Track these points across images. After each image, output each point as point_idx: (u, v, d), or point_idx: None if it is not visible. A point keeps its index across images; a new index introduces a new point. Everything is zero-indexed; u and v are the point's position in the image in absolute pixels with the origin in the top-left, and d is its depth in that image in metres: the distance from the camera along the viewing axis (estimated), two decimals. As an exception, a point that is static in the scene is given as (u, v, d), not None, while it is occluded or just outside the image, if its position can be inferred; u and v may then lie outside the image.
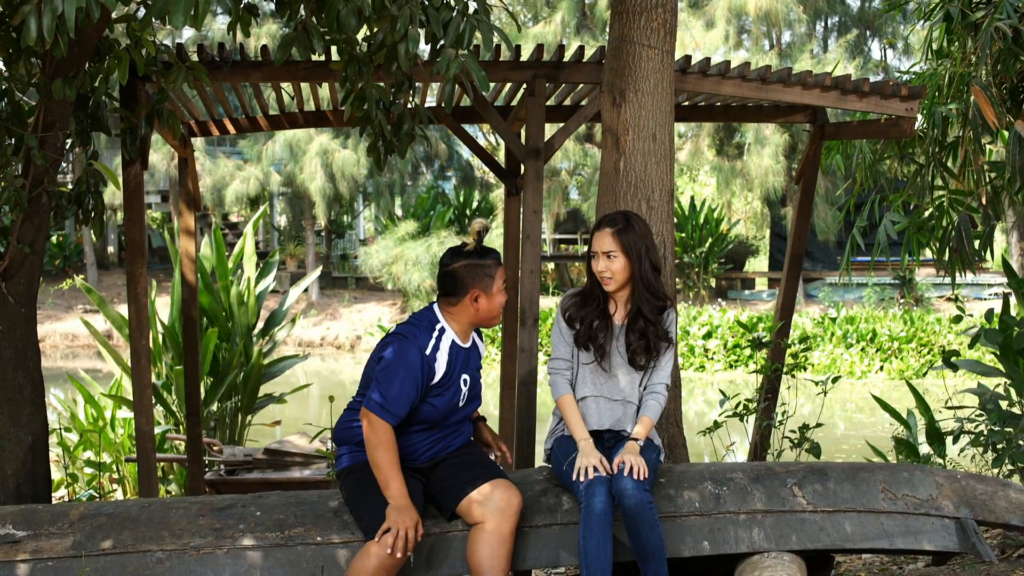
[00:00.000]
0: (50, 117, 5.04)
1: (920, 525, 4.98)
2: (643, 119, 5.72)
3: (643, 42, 5.68)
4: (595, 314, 4.91)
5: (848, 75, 6.78)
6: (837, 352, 23.30)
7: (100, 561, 4.66)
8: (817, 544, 4.92)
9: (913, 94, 6.67)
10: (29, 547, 4.68)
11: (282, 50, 4.68)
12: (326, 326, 30.13)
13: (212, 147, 31.86)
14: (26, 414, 5.40)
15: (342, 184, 29.14)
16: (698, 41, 27.85)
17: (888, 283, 28.31)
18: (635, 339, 4.86)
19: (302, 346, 29.13)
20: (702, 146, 28.68)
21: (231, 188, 29.17)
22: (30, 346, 5.41)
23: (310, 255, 31.92)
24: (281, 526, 4.74)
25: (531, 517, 4.82)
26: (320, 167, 28.65)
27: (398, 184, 31.96)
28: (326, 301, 31.87)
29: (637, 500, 4.53)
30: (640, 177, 5.75)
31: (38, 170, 5.08)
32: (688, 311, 25.91)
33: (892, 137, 7.34)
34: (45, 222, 5.35)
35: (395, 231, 28.82)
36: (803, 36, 29.83)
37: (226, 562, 4.68)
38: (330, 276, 34.27)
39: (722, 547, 4.90)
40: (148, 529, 4.75)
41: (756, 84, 6.63)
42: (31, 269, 5.31)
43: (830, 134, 7.68)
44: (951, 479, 5.16)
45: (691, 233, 30.22)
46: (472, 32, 4.67)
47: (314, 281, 31.82)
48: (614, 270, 4.83)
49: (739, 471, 5.13)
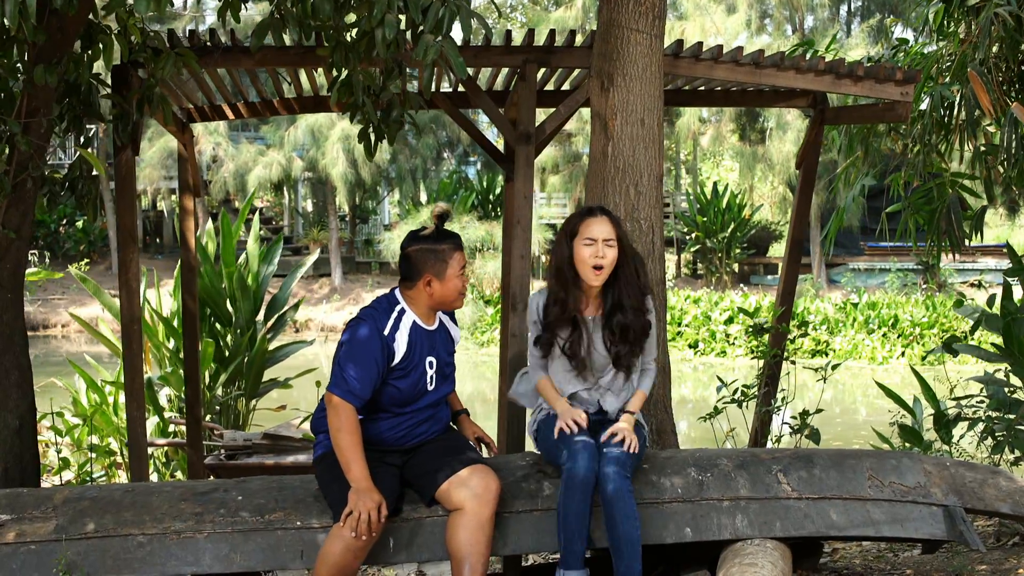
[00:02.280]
0: (34, 103, 5.05)
1: (907, 513, 4.95)
2: (631, 104, 5.70)
3: (631, 26, 5.65)
4: (568, 315, 4.81)
5: (842, 59, 6.73)
6: (859, 338, 23.21)
7: (82, 545, 4.68)
8: (802, 531, 4.89)
9: (908, 78, 6.61)
10: (13, 530, 4.71)
11: (257, 37, 4.68)
12: (349, 311, 30.18)
13: (236, 132, 31.97)
14: (13, 398, 5.43)
15: (364, 170, 29.17)
16: (719, 26, 27.77)
17: (911, 268, 28.19)
18: (616, 338, 4.80)
19: (324, 331, 29.22)
20: (724, 131, 28.60)
21: (254, 173, 29.23)
22: (17, 331, 5.43)
23: (333, 240, 31.97)
24: (261, 511, 4.76)
25: (512, 503, 4.82)
26: (342, 152, 28.67)
27: (421, 169, 31.95)
28: (349, 286, 31.94)
29: (617, 487, 4.50)
30: (628, 162, 5.72)
31: (22, 156, 5.09)
32: (710, 296, 25.87)
33: (888, 121, 7.29)
34: (31, 208, 5.36)
35: (417, 216, 28.84)
36: (826, 21, 29.68)
37: (206, 546, 4.70)
38: (354, 261, 34.36)
39: (705, 534, 4.88)
40: (130, 513, 4.78)
41: (749, 68, 6.58)
42: (17, 254, 5.33)
43: (830, 119, 7.64)
44: (940, 467, 5.13)
45: (713, 218, 30.15)
46: (451, 18, 4.65)
47: (337, 266, 31.92)
48: (611, 259, 4.74)
49: (724, 457, 5.10)
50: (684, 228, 31.40)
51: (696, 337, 24.20)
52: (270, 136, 30.38)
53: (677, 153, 33.49)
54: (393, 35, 4.61)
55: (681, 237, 32.03)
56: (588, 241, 4.72)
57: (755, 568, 4.53)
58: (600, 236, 4.71)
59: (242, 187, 29.47)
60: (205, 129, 28.95)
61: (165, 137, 28.18)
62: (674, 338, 24.35)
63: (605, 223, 4.74)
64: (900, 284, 27.49)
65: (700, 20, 28.00)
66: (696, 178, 35.97)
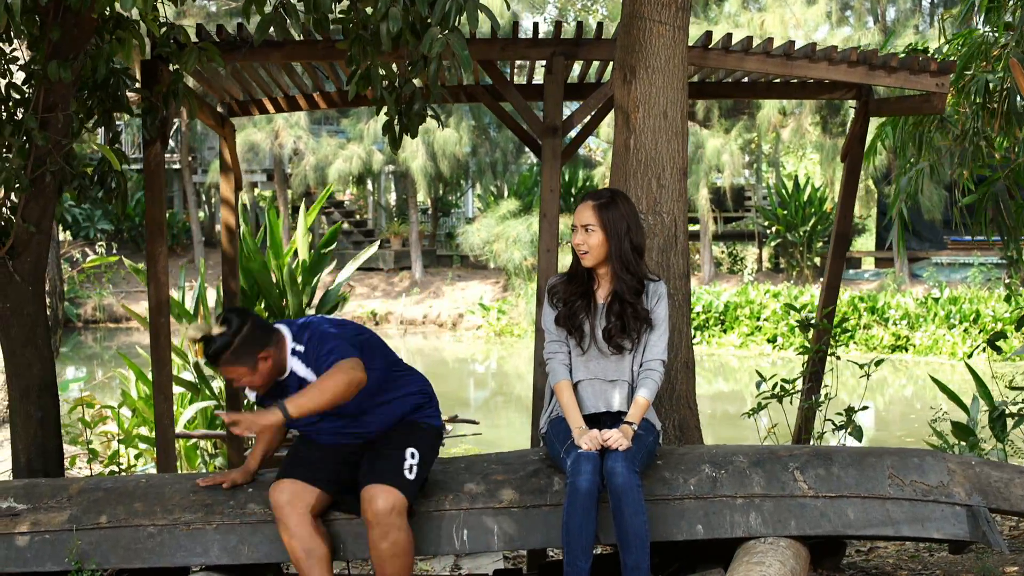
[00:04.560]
0: (51, 99, 5.12)
1: (928, 512, 4.85)
2: (653, 96, 5.64)
3: (654, 18, 5.59)
4: (578, 294, 4.85)
5: (875, 50, 6.62)
6: (939, 333, 22.85)
7: (94, 535, 4.77)
8: (817, 530, 4.83)
9: (943, 69, 6.48)
10: (28, 520, 4.80)
11: (260, 32, 4.70)
12: (428, 304, 30.29)
13: (316, 126, 32.17)
14: (35, 390, 5.51)
15: (443, 163, 29.20)
16: (798, 18, 27.40)
17: (995, 263, 27.63)
18: (612, 321, 4.79)
19: (404, 324, 29.37)
20: (805, 124, 28.25)
21: (334, 167, 29.37)
22: (39, 323, 5.51)
23: (413, 234, 32.08)
24: (269, 503, 4.79)
25: (520, 497, 4.82)
26: (421, 146, 28.71)
27: (501, 163, 31.93)
28: (429, 279, 32.04)
29: (624, 480, 4.46)
30: (650, 155, 5.66)
31: (40, 151, 5.16)
32: (790, 290, 25.65)
33: (925, 112, 7.15)
34: (52, 202, 5.43)
35: (497, 209, 28.88)
36: (907, 12, 29.15)
37: (214, 537, 4.77)
38: (435, 254, 34.44)
39: (717, 531, 4.84)
40: (143, 504, 4.85)
41: (780, 60, 6.48)
42: (38, 248, 5.41)
43: (873, 111, 7.50)
44: (964, 465, 5.02)
45: (794, 212, 29.80)
46: (459, 11, 4.63)
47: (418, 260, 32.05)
48: (591, 244, 4.76)
49: (740, 454, 5.04)
50: (765, 222, 31.06)
51: (775, 332, 23.98)
52: (350, 129, 30.51)
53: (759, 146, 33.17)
54: (397, 29, 4.60)
55: (762, 231, 31.71)
56: (575, 227, 4.83)
57: (761, 567, 4.47)
58: (579, 222, 4.80)
59: (323, 180, 29.62)
60: (286, 122, 29.16)
61: (247, 130, 28.46)
62: (753, 333, 24.18)
63: (586, 209, 4.79)
64: (983, 279, 26.94)
65: (780, 11, 27.63)
66: (778, 171, 35.60)
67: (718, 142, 27.36)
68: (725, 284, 28.38)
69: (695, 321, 24.76)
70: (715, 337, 24.71)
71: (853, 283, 28.63)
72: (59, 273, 10.59)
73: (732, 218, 34.02)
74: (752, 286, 26.44)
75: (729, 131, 27.98)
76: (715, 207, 31.04)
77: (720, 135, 27.64)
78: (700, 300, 25.10)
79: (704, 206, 28.69)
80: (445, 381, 21.25)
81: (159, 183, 6.28)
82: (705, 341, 24.52)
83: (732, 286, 27.63)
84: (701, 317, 24.84)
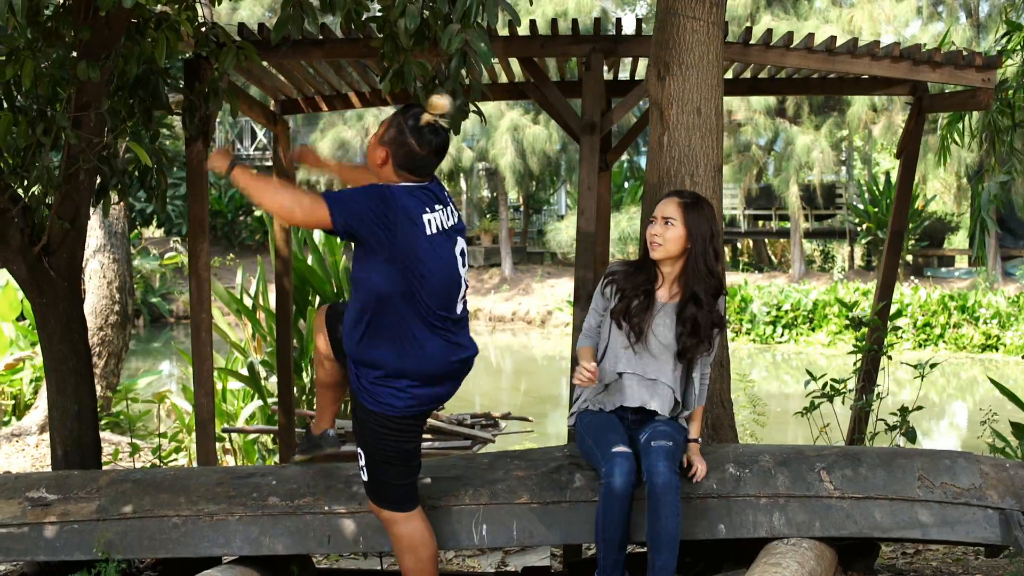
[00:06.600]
0: (84, 98, 5.20)
1: (959, 515, 4.76)
2: (687, 92, 5.59)
3: (688, 14, 5.55)
4: (640, 289, 4.77)
5: (919, 45, 6.50)
6: (1031, 332, 22.45)
7: (120, 525, 4.85)
8: (843, 531, 4.77)
9: (988, 64, 6.35)
10: (58, 510, 4.90)
11: (277, 30, 4.75)
12: (518, 301, 30.36)
13: (407, 123, 32.31)
14: (71, 384, 5.62)
15: (532, 160, 29.17)
16: (888, 13, 26.95)
17: (1090, 262, 27.08)
18: (686, 329, 4.72)
19: (493, 321, 29.45)
20: (895, 120, 27.80)
21: (425, 164, 29.43)
22: (75, 319, 5.62)
23: (503, 230, 32.16)
24: (292, 495, 4.85)
25: (540, 493, 4.81)
26: (511, 142, 28.71)
27: (591, 159, 31.80)
28: (519, 276, 32.10)
29: (666, 480, 4.40)
30: (684, 152, 5.62)
31: (73, 149, 5.25)
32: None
33: (972, 108, 7.02)
34: (86, 199, 5.54)
35: (590, 208, 28.76)
36: (1002, 7, 28.52)
37: (237, 528, 4.82)
38: (525, 252, 34.48)
39: (739, 531, 4.79)
40: (168, 495, 4.93)
41: (822, 56, 6.40)
42: (73, 245, 5.51)
43: (927, 107, 7.37)
44: (998, 468, 4.92)
45: (885, 209, 29.37)
46: (479, 7, 4.64)
47: (507, 256, 32.12)
48: (667, 237, 4.68)
49: (767, 453, 4.99)
50: (856, 219, 30.67)
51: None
52: (440, 126, 30.56)
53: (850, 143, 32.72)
54: (415, 25, 4.61)
55: (853, 229, 31.31)
56: (653, 219, 4.77)
57: (777, 568, 4.41)
58: (661, 214, 4.73)
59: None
60: (376, 120, 29.35)
61: (336, 127, 28.70)
62: (841, 331, 23.89)
63: (671, 203, 4.74)
64: (1082, 277, 26.37)
65: (869, 8, 27.21)
66: (870, 168, 35.13)
67: (808, 139, 27.00)
68: (815, 282, 28.10)
69: (783, 319, 24.59)
70: (803, 335, 24.47)
71: (944, 281, 28.21)
72: (128, 269, 10.77)
73: (823, 215, 33.60)
74: (842, 284, 26.13)
75: (819, 128, 27.60)
76: (806, 204, 30.71)
77: (810, 131, 27.28)
78: (788, 298, 24.91)
79: (795, 203, 28.39)
80: (534, 378, 21.28)
81: (202, 181, 6.37)
82: (793, 339, 24.32)
83: (822, 284, 27.34)
84: (789, 315, 24.65)
